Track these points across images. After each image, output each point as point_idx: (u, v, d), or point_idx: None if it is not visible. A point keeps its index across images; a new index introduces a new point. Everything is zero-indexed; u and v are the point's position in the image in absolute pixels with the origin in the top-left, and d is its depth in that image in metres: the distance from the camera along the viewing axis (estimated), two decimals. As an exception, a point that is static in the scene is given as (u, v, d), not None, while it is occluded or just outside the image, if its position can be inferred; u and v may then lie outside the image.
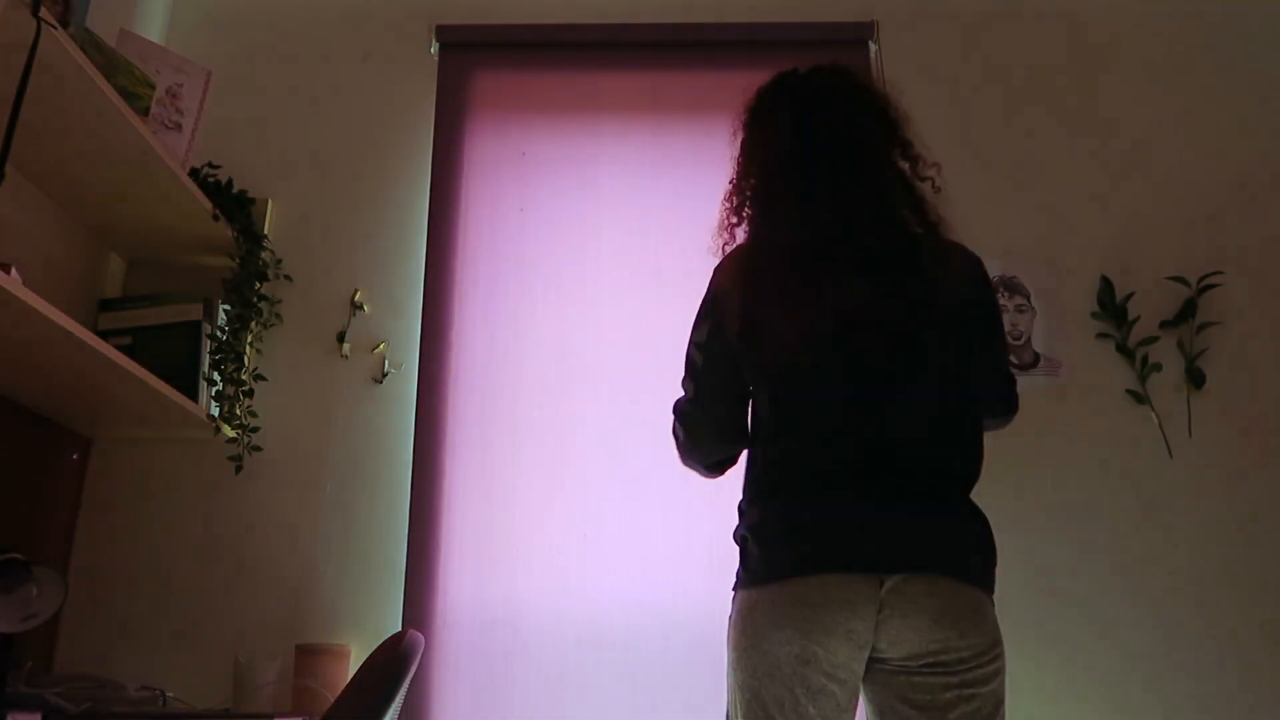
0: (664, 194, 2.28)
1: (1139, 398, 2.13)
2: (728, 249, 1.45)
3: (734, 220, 1.45)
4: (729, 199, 1.47)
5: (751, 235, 1.43)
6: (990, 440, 2.07)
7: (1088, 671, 1.94)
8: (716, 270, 1.42)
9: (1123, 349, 2.16)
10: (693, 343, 1.42)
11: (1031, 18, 2.47)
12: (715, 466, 1.46)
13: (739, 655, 1.25)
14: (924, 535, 1.24)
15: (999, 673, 1.24)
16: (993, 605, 1.26)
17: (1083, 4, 2.48)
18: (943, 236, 1.38)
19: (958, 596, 1.22)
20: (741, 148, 1.46)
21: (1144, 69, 2.42)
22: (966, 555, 1.26)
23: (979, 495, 1.34)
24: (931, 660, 1.22)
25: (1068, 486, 2.06)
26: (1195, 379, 2.14)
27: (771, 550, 1.25)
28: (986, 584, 1.27)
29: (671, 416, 1.46)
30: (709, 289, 1.41)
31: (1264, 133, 2.36)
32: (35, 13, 1.42)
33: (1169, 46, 2.44)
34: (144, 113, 1.85)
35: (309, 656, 1.84)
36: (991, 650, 1.23)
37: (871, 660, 1.25)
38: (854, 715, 1.25)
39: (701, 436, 1.42)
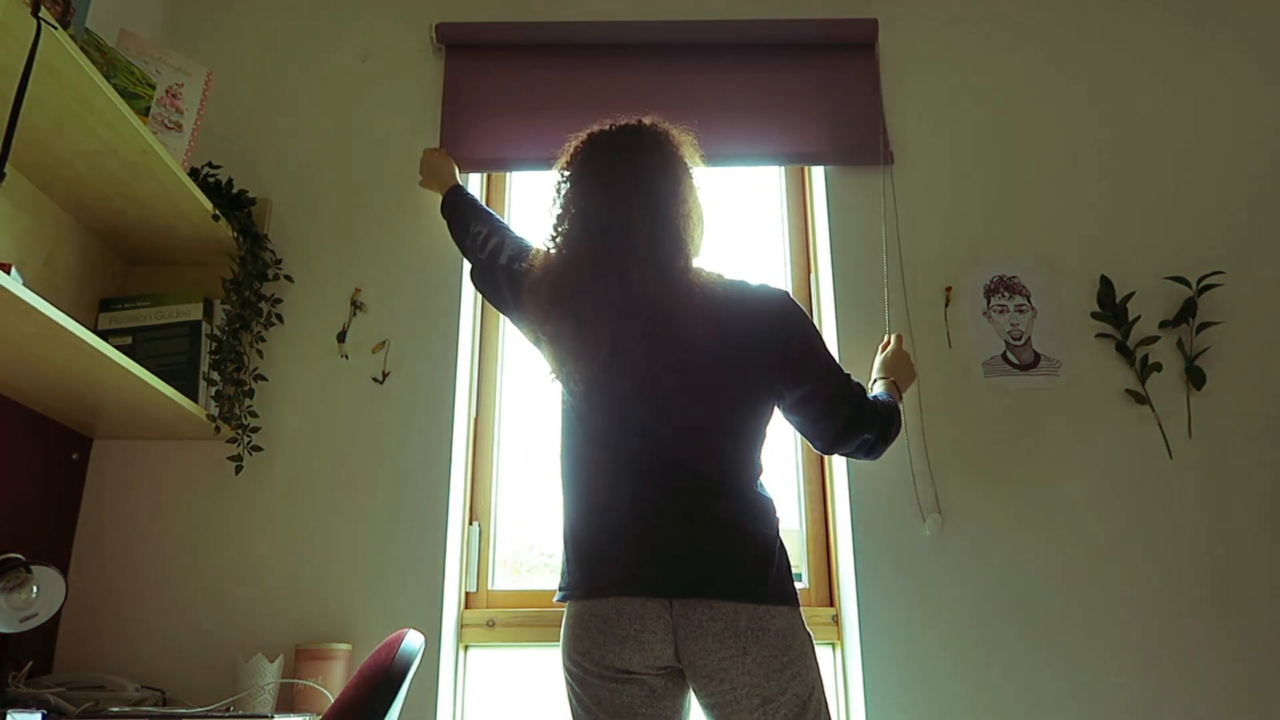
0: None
1: (1139, 398, 2.13)
2: None
3: None
4: None
5: None
6: (991, 440, 2.08)
7: (1086, 672, 1.94)
8: None
9: (1123, 349, 2.16)
10: None
11: (1031, 17, 2.47)
12: None
13: None
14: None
15: (796, 675, 1.32)
16: (781, 614, 1.34)
17: (1083, 4, 2.48)
18: None
19: (737, 616, 1.31)
20: None
21: (1145, 68, 2.42)
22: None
23: (981, 494, 1.33)
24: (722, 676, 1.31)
25: (1068, 486, 2.06)
26: (1195, 379, 2.13)
27: None
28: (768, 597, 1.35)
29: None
30: None
31: (1264, 132, 2.36)
32: (35, 13, 1.42)
33: (1170, 46, 2.44)
34: (144, 113, 1.85)
35: (309, 656, 1.84)
36: (780, 659, 1.31)
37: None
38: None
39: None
